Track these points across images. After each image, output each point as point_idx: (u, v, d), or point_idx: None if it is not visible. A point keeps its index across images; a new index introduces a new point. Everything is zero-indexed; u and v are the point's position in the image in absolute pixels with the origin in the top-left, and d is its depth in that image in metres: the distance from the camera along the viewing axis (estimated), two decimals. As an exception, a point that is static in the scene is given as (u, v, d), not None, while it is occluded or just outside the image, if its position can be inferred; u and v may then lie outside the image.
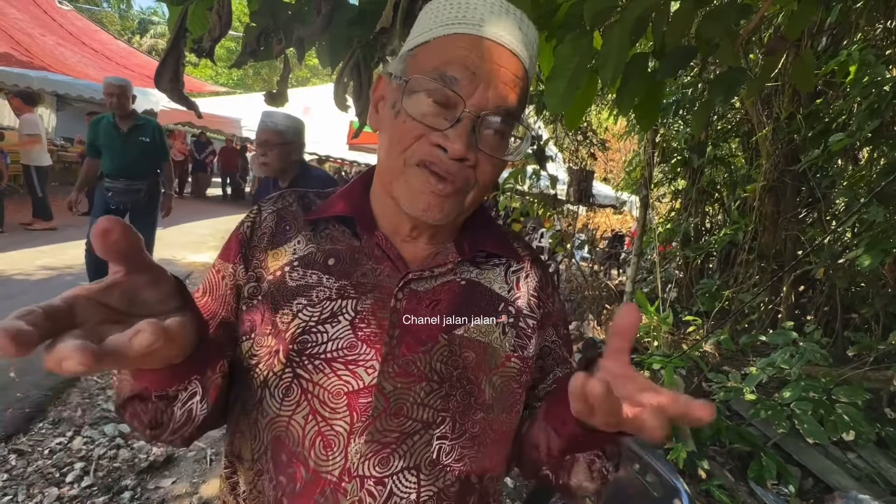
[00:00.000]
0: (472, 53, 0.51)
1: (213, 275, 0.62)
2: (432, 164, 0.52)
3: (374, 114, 0.60)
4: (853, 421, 2.26)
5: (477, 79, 0.51)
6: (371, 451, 0.53)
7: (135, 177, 3.51)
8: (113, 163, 3.45)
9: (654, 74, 1.31)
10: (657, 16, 1.25)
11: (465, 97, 0.51)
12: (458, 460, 0.56)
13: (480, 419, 0.58)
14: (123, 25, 27.40)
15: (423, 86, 0.52)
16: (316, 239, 0.60)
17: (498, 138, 0.54)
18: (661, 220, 6.25)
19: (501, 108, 0.52)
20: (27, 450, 2.17)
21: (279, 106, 1.40)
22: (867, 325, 3.66)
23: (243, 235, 0.61)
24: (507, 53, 0.52)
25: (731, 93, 1.29)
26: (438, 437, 0.55)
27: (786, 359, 2.70)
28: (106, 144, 3.41)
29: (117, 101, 3.37)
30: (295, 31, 1.19)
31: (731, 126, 5.19)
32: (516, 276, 0.64)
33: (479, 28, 0.52)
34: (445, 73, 0.51)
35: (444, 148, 0.51)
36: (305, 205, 0.63)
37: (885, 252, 2.59)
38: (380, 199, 0.61)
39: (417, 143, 0.53)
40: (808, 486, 2.42)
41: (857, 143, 3.19)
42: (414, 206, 0.54)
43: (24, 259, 4.83)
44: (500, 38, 0.52)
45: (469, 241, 0.62)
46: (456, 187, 0.53)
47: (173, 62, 0.85)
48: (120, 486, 2.02)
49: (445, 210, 0.54)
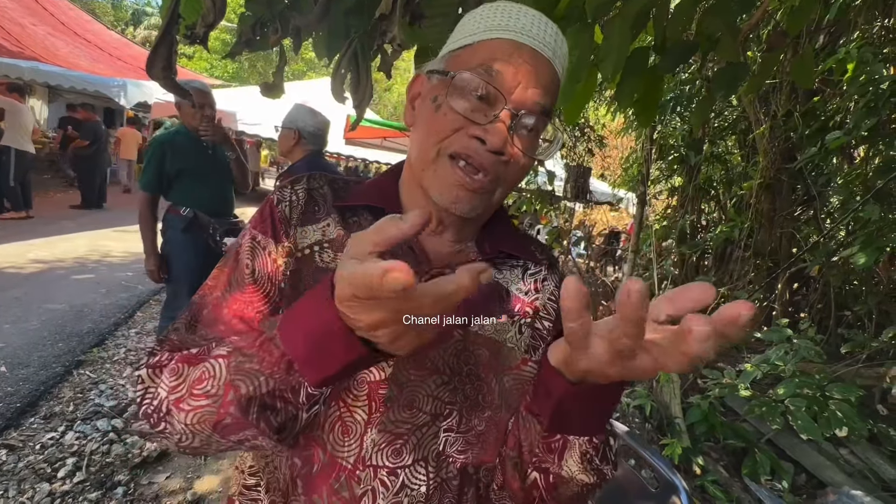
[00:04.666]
0: (514, 54, 0.54)
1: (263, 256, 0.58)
2: (469, 157, 0.54)
3: (410, 111, 0.63)
4: (846, 417, 2.28)
5: (518, 77, 0.54)
6: (385, 441, 0.54)
7: (230, 208, 2.65)
8: (212, 193, 2.51)
9: (655, 69, 1.30)
10: (658, 10, 1.24)
11: (507, 93, 0.53)
12: (460, 452, 0.57)
13: (487, 417, 0.59)
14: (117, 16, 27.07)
15: (467, 80, 0.54)
16: (345, 225, 0.61)
17: (531, 138, 0.57)
18: (657, 216, 6.27)
19: (538, 106, 0.55)
20: (18, 445, 2.15)
21: (275, 97, 1.38)
22: (861, 322, 3.68)
23: (282, 214, 0.60)
24: (546, 61, 0.56)
25: (733, 88, 1.28)
26: (445, 430, 0.57)
27: (780, 356, 2.72)
28: (197, 171, 2.44)
29: (210, 115, 2.43)
30: (291, 20, 1.17)
31: (728, 123, 5.19)
32: (534, 279, 0.66)
33: (521, 35, 0.55)
34: (491, 67, 0.54)
35: (483, 140, 0.53)
36: (335, 189, 0.64)
37: (879, 250, 2.60)
38: (409, 190, 0.62)
39: (455, 134, 0.55)
40: (801, 481, 2.44)
41: (854, 141, 3.20)
42: (444, 196, 0.56)
43: (15, 252, 4.78)
44: (539, 46, 0.55)
45: (489, 241, 0.64)
46: (487, 181, 0.55)
47: (165, 49, 0.83)
48: (113, 481, 2.00)
49: (474, 203, 0.56)
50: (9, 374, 2.65)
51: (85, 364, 2.95)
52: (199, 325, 0.57)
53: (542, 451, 0.52)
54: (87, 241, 5.76)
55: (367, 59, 1.15)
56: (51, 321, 3.39)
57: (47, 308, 3.59)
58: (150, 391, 0.51)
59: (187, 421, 0.46)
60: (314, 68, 24.28)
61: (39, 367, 2.78)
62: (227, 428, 0.45)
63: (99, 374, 2.86)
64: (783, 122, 3.91)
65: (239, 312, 0.56)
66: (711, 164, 5.04)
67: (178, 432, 0.48)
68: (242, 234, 0.62)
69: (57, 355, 2.96)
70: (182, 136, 2.44)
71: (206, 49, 0.97)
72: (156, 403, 0.49)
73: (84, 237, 5.96)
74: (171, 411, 0.48)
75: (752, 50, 3.72)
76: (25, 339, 3.08)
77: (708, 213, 5.59)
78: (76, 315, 3.58)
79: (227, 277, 0.59)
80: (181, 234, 2.42)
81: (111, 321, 3.61)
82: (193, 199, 2.43)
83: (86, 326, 3.43)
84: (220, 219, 2.51)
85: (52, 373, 2.76)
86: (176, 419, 0.47)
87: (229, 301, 0.57)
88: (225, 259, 0.61)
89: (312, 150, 2.39)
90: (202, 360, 0.48)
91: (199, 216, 2.44)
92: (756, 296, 4.12)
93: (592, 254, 7.64)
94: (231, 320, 0.56)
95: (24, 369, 2.73)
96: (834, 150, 3.25)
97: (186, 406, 0.46)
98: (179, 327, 0.57)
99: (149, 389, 0.51)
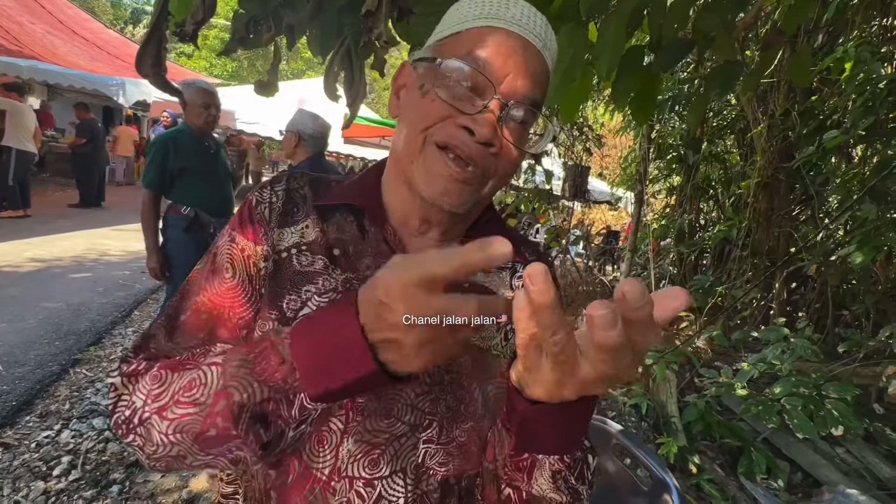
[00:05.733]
0: (504, 43, 0.52)
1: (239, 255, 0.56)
2: (455, 147, 0.52)
3: (395, 101, 0.60)
4: (842, 416, 2.28)
5: (508, 66, 0.52)
6: (361, 452, 0.52)
7: (231, 207, 2.65)
8: (213, 192, 2.53)
9: (651, 68, 1.30)
10: (654, 8, 1.24)
11: (496, 83, 0.51)
12: (441, 465, 0.55)
13: (469, 428, 0.56)
14: (116, 15, 27.02)
15: (455, 67, 0.52)
16: (323, 226, 0.58)
17: (521, 129, 0.55)
18: (655, 216, 6.27)
19: (528, 97, 0.53)
20: (14, 443, 2.14)
21: (269, 95, 1.37)
22: (858, 321, 3.69)
23: (261, 216, 0.58)
24: (536, 51, 0.54)
25: (728, 86, 1.28)
26: (425, 441, 0.54)
27: (777, 355, 2.72)
28: (199, 170, 2.47)
29: (215, 115, 2.49)
30: (284, 18, 1.17)
31: (726, 123, 5.20)
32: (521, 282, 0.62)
33: (511, 24, 0.53)
34: (479, 56, 0.52)
35: (471, 130, 0.51)
36: (315, 189, 0.61)
37: (877, 249, 2.60)
38: (392, 187, 0.60)
39: (442, 123, 0.52)
40: (797, 480, 2.44)
41: (852, 140, 3.20)
42: (431, 189, 0.53)
43: (12, 251, 4.77)
44: (531, 37, 0.54)
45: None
46: (477, 173, 0.53)
47: (154, 46, 0.83)
48: (108, 479, 2.00)
49: (464, 196, 0.54)
50: (5, 373, 2.65)
51: (81, 363, 2.94)
52: (176, 331, 0.54)
53: (512, 469, 0.49)
54: (84, 240, 5.75)
55: (360, 56, 1.15)
56: (48, 320, 3.38)
57: (44, 306, 3.59)
58: (124, 399, 0.49)
59: (168, 430, 0.44)
60: (313, 67, 24.26)
61: (36, 366, 2.78)
62: (209, 440, 0.43)
63: (95, 373, 2.85)
64: (781, 121, 3.91)
65: (218, 318, 0.54)
66: (710, 163, 5.05)
67: (155, 443, 0.45)
68: (220, 236, 0.59)
69: (53, 354, 2.95)
70: (185, 136, 2.45)
71: (197, 46, 0.97)
72: (128, 413, 0.47)
73: (82, 236, 5.95)
74: (150, 420, 0.45)
75: (749, 49, 3.72)
76: (22, 337, 3.07)
77: (706, 212, 5.59)
78: (73, 313, 3.57)
79: (205, 281, 0.56)
80: (182, 234, 2.43)
81: (108, 320, 3.60)
82: (195, 198, 2.45)
83: (83, 325, 3.42)
84: (221, 218, 2.53)
85: (49, 371, 2.75)
86: (155, 429, 0.45)
87: (208, 306, 0.55)
88: (203, 261, 0.59)
89: (313, 152, 2.52)
90: (190, 366, 0.46)
91: (200, 215, 2.45)
92: (753, 294, 4.12)
93: (591, 253, 7.64)
94: (211, 327, 0.54)
95: (21, 367, 2.73)
96: (832, 150, 3.25)
97: (170, 414, 0.44)
98: (156, 334, 0.54)
99: (122, 397, 0.49)
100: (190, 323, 0.54)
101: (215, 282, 0.55)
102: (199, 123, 2.44)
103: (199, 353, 0.49)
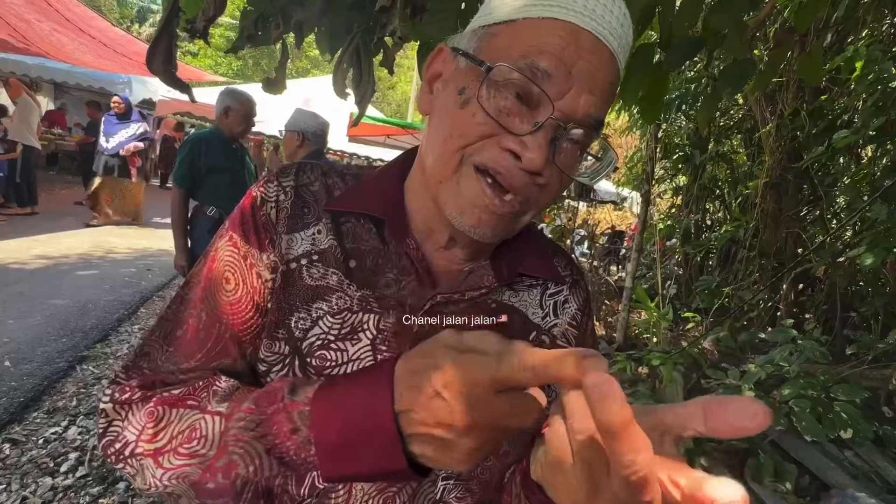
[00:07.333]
0: (570, 46, 0.42)
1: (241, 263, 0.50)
2: (497, 174, 0.44)
3: (427, 94, 0.51)
4: (851, 419, 2.26)
5: (571, 79, 0.43)
6: (376, 490, 0.48)
7: None
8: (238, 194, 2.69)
9: (660, 66, 1.28)
10: (664, 6, 1.22)
11: (554, 98, 0.42)
12: (459, 500, 0.52)
13: (491, 465, 0.52)
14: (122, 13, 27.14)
15: (506, 77, 0.43)
16: (337, 232, 0.51)
17: (575, 153, 0.47)
18: (661, 216, 6.24)
19: (592, 117, 0.45)
20: (21, 439, 2.16)
21: (277, 93, 1.37)
22: (866, 323, 3.65)
23: (266, 217, 0.51)
24: (608, 53, 0.44)
25: (739, 85, 1.27)
26: (443, 478, 0.51)
27: (785, 356, 2.69)
28: (226, 170, 2.57)
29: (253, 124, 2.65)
30: (293, 15, 1.16)
31: (733, 122, 5.16)
32: (553, 301, 0.58)
33: (581, 17, 0.43)
34: (537, 64, 0.42)
35: (518, 156, 0.43)
36: (328, 186, 0.54)
37: (887, 251, 2.57)
38: (418, 196, 0.53)
39: (484, 142, 0.44)
40: (804, 483, 2.42)
41: (861, 140, 3.17)
42: (463, 219, 0.46)
43: (19, 248, 4.80)
44: (604, 34, 0.43)
45: (508, 261, 0.55)
46: (515, 204, 0.46)
47: (166, 43, 0.82)
48: (115, 476, 2.01)
49: (498, 230, 0.47)
50: (13, 369, 2.67)
51: (88, 360, 2.96)
52: (172, 347, 0.50)
53: None
54: (91, 237, 5.78)
55: (369, 54, 1.14)
56: (54, 317, 3.40)
57: (51, 304, 3.61)
58: (115, 427, 0.45)
59: (163, 478, 0.41)
60: (318, 66, 24.29)
61: (43, 363, 2.80)
62: (207, 491, 0.40)
63: (102, 370, 2.87)
64: (790, 120, 3.87)
65: (219, 337, 0.49)
66: (717, 163, 5.02)
67: (148, 483, 0.42)
68: (220, 235, 0.53)
69: (60, 351, 2.97)
70: (217, 137, 2.59)
71: (207, 43, 0.97)
72: (118, 445, 0.44)
73: (88, 233, 5.99)
74: (144, 461, 0.42)
75: (758, 48, 3.69)
76: (29, 334, 3.09)
77: (713, 212, 5.56)
78: (80, 311, 3.59)
79: (204, 290, 0.51)
80: (206, 236, 2.48)
81: (115, 317, 3.62)
82: (220, 199, 2.53)
83: (89, 322, 3.44)
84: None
85: (56, 368, 2.77)
86: (149, 471, 0.42)
87: (206, 323, 0.49)
88: (201, 262, 0.53)
89: (315, 149, 2.59)
90: (191, 403, 0.43)
91: (225, 217, 2.52)
92: (761, 296, 4.09)
93: (596, 253, 7.61)
94: (210, 346, 0.49)
95: (28, 364, 2.74)
96: (841, 150, 3.22)
97: (168, 464, 0.41)
98: (150, 352, 0.50)
99: (113, 423, 0.46)
100: (187, 340, 0.49)
101: (215, 293, 0.50)
102: (238, 131, 2.59)
103: (201, 386, 0.45)
